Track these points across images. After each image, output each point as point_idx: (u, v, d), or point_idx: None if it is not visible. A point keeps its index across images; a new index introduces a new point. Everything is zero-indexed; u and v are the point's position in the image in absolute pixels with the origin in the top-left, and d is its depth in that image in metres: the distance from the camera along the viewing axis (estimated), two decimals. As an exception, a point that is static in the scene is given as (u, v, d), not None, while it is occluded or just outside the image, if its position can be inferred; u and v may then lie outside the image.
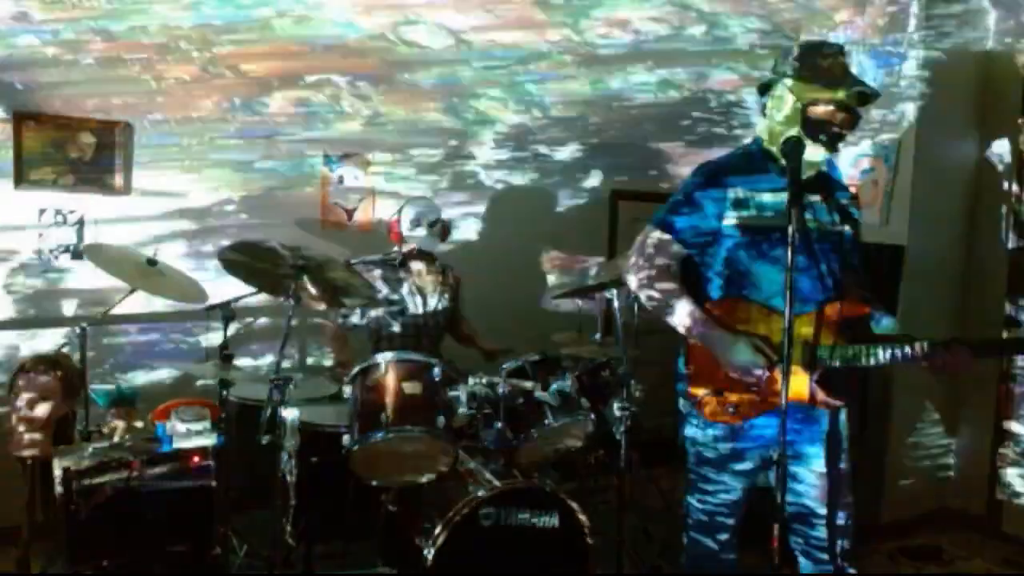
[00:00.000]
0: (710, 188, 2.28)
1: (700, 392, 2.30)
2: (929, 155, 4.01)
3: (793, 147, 2.13)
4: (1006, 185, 4.08)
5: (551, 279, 4.75)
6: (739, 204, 2.24)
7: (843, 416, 2.34)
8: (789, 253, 1.98)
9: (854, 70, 2.42)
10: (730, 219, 2.25)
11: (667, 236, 2.31)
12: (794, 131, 2.21)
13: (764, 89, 2.35)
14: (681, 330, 2.30)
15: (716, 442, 2.31)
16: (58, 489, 2.84)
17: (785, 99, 2.25)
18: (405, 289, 3.66)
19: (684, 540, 2.45)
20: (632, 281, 2.36)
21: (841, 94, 2.19)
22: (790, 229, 1.99)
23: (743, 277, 2.27)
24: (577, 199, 4.72)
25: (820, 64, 2.22)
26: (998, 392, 4.08)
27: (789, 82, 2.24)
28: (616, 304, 3.28)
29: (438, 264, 3.76)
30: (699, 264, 2.36)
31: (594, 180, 4.74)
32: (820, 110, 2.20)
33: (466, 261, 4.24)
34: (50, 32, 3.64)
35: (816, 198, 2.30)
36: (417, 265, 3.70)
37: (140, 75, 3.82)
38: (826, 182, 2.35)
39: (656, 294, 2.31)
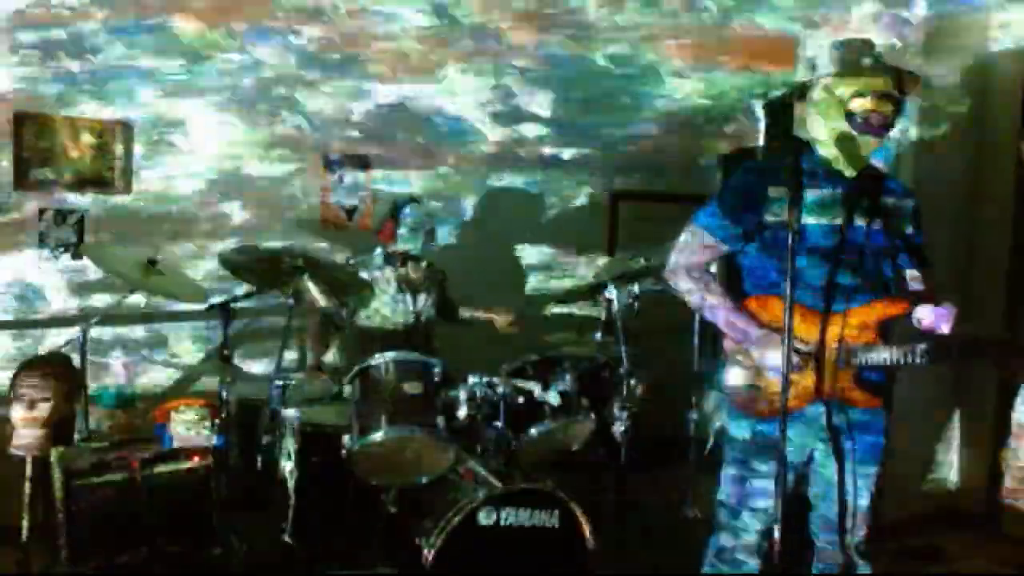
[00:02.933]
0: (750, 188, 2.32)
1: (736, 386, 2.35)
2: (930, 154, 4.01)
3: (795, 147, 2.22)
4: (1006, 184, 4.08)
5: (552, 280, 4.74)
6: (778, 204, 2.26)
7: (883, 416, 2.40)
8: (789, 253, 2.04)
9: None
10: (769, 218, 2.28)
11: (707, 234, 2.35)
12: (839, 128, 2.24)
13: (802, 93, 2.38)
14: (719, 326, 2.36)
15: (750, 436, 2.35)
16: (58, 489, 2.84)
17: (825, 99, 2.28)
18: (394, 288, 3.66)
19: (713, 535, 2.48)
20: (672, 278, 2.41)
21: (879, 83, 2.22)
22: (790, 228, 2.04)
23: (780, 275, 2.27)
24: (577, 199, 4.72)
25: (854, 59, 2.25)
26: (998, 391, 4.07)
27: (827, 81, 2.27)
28: (616, 304, 3.28)
29: (424, 262, 3.77)
30: (738, 262, 2.42)
31: (594, 180, 4.73)
32: (863, 102, 2.22)
33: (467, 261, 4.24)
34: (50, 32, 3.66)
35: (858, 197, 2.30)
36: (407, 265, 3.70)
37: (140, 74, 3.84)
38: (872, 179, 2.35)
39: (696, 291, 2.36)
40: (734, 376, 2.36)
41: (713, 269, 2.43)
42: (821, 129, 2.30)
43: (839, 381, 2.26)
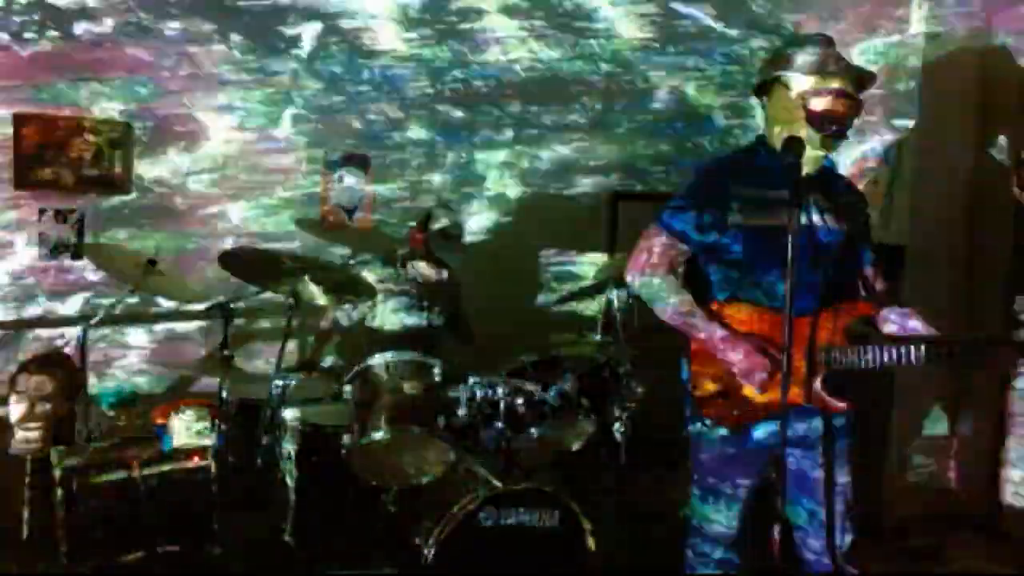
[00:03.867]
0: (712, 187, 2.26)
1: (704, 394, 2.28)
2: (930, 154, 4.00)
3: (792, 147, 2.11)
4: (1006, 184, 4.07)
5: (552, 280, 4.74)
6: (742, 203, 2.21)
7: (846, 418, 2.31)
8: (789, 254, 1.97)
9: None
10: (733, 219, 2.22)
11: (669, 236, 2.29)
12: (796, 126, 2.19)
13: (760, 90, 2.34)
14: (683, 330, 2.29)
15: (720, 444, 2.30)
16: (58, 489, 2.84)
17: (783, 96, 2.24)
18: (407, 290, 3.64)
19: (687, 543, 2.45)
20: (634, 281, 2.34)
21: (838, 82, 2.18)
22: (789, 230, 1.98)
23: (746, 278, 2.25)
24: (577, 199, 4.71)
25: (813, 56, 2.21)
26: (999, 391, 4.07)
27: (785, 78, 2.23)
28: (616, 304, 3.28)
29: (444, 271, 3.74)
30: (702, 265, 2.35)
31: (594, 180, 4.73)
32: (820, 101, 2.18)
33: (466, 262, 4.22)
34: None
35: (818, 196, 2.26)
36: (419, 266, 3.69)
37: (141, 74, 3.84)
38: (829, 179, 2.33)
39: (657, 294, 2.30)
40: (701, 383, 2.29)
41: (680, 271, 2.35)
42: (779, 127, 2.25)
43: (809, 385, 2.17)
